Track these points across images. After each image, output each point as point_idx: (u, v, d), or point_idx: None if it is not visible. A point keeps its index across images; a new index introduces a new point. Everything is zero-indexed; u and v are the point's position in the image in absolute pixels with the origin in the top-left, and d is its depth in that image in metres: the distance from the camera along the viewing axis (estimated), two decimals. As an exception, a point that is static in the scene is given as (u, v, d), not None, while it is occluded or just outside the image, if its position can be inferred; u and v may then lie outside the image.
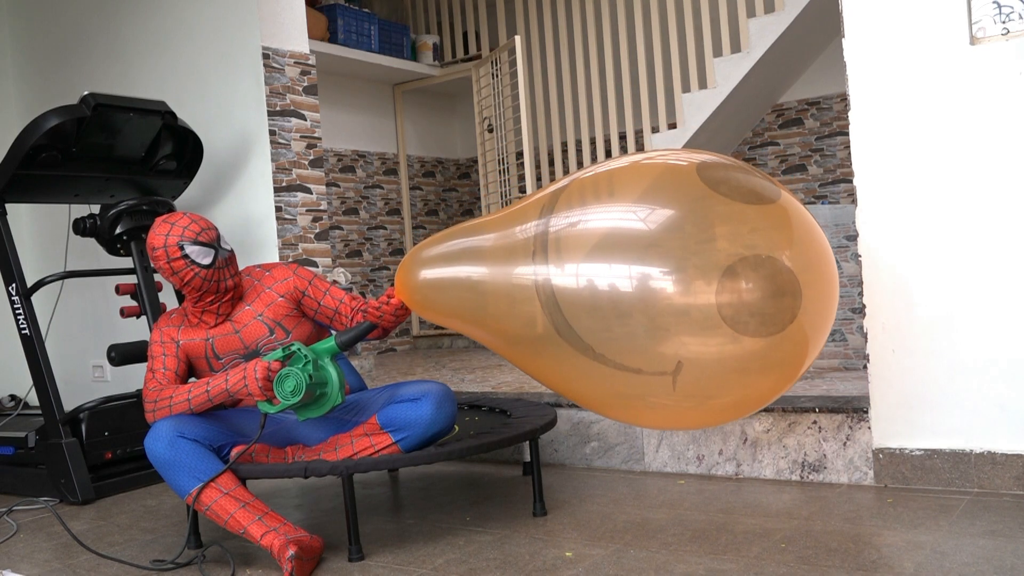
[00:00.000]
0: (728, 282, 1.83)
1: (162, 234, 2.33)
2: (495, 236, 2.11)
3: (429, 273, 2.19)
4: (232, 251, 2.41)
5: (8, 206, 3.27)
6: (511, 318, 2.06)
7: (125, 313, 3.34)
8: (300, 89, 3.85)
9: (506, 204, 5.33)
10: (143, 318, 3.56)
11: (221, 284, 2.37)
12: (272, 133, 3.73)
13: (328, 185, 5.62)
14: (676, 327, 1.86)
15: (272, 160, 3.72)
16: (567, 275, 1.96)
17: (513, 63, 5.33)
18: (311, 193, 3.86)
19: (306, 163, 3.85)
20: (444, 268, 2.17)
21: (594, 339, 1.94)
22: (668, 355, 1.88)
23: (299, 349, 2.24)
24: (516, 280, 2.04)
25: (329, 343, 2.28)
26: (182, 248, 2.32)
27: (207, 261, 2.33)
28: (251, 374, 2.23)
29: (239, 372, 2.26)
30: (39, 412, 3.57)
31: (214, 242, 2.35)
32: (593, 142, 5.80)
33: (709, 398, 1.94)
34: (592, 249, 1.94)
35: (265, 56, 3.71)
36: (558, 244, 1.99)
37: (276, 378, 2.21)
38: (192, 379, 2.50)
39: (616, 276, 1.91)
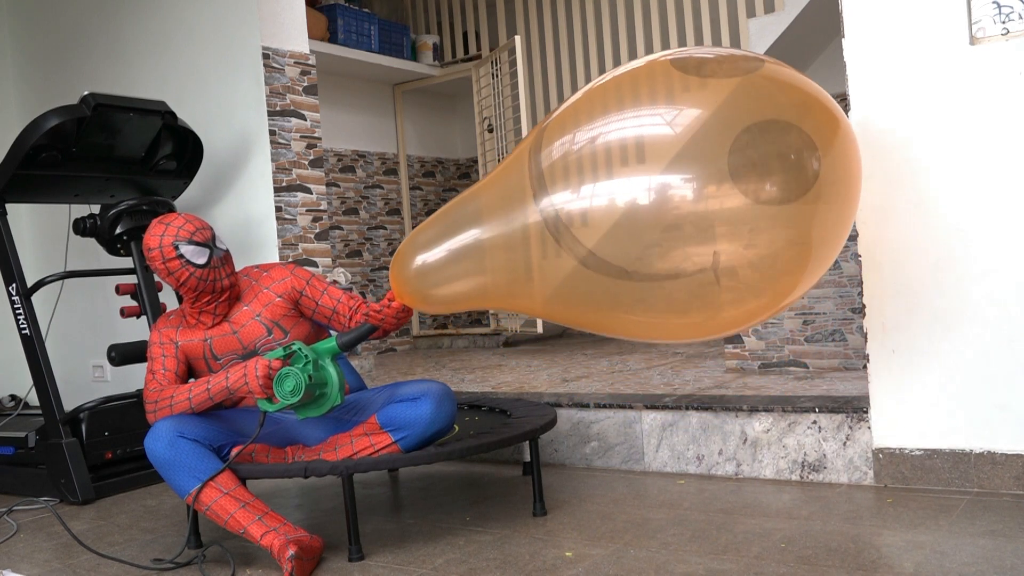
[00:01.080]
0: (742, 151, 1.79)
1: (157, 235, 2.34)
2: (486, 197, 2.05)
3: (425, 258, 2.12)
4: (227, 251, 2.42)
5: (8, 206, 3.27)
6: (527, 271, 1.99)
7: (125, 313, 3.34)
8: (300, 89, 3.85)
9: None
10: (143, 318, 3.56)
11: (217, 284, 2.37)
12: (272, 133, 3.73)
13: (328, 185, 5.62)
14: (703, 222, 1.83)
15: (272, 160, 3.72)
16: (579, 200, 1.91)
17: (513, 63, 5.33)
18: (311, 193, 3.86)
19: (306, 163, 3.85)
20: (440, 247, 2.10)
21: (623, 259, 1.88)
22: (702, 252, 1.84)
23: (300, 349, 2.24)
24: (522, 227, 1.96)
25: (330, 343, 2.28)
26: (177, 248, 2.32)
27: (202, 261, 2.33)
28: (251, 372, 2.23)
29: (239, 370, 2.26)
30: (39, 412, 3.57)
31: (209, 242, 2.36)
32: (593, 142, 5.79)
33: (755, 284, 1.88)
34: (595, 170, 1.90)
35: (265, 56, 3.71)
36: (555, 175, 1.92)
37: (276, 377, 2.21)
38: (192, 379, 2.50)
39: (633, 189, 1.86)
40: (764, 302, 1.93)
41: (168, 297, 3.78)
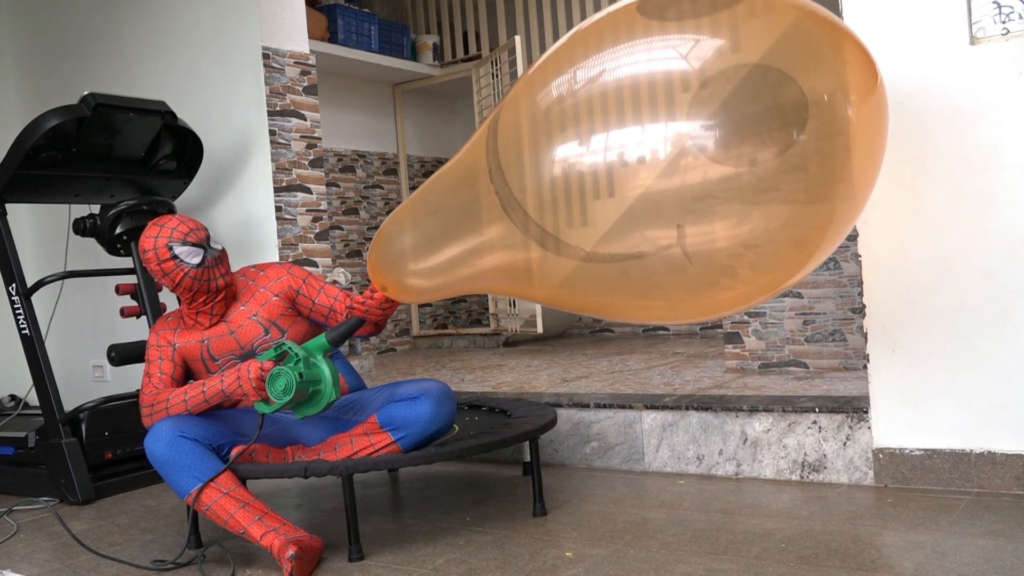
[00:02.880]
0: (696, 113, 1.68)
1: (151, 236, 2.34)
2: (450, 177, 2.03)
3: (398, 246, 2.10)
4: (223, 250, 2.42)
5: (8, 206, 3.27)
6: (494, 249, 1.96)
7: (125, 313, 3.34)
8: (300, 89, 3.85)
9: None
10: (143, 318, 3.56)
11: (211, 284, 2.38)
12: (272, 133, 3.73)
13: (328, 185, 5.62)
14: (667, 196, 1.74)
15: (272, 160, 3.72)
16: (529, 180, 1.85)
17: (513, 63, 5.33)
18: (311, 193, 3.86)
19: (306, 163, 3.85)
20: (410, 233, 2.08)
21: (578, 238, 1.82)
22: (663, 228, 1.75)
23: (290, 347, 2.24)
24: (477, 207, 1.94)
25: (320, 340, 2.28)
26: (171, 249, 2.32)
27: (196, 261, 2.34)
28: (244, 374, 2.23)
29: (233, 373, 2.26)
30: (39, 412, 3.57)
31: (203, 242, 2.36)
32: (593, 142, 5.79)
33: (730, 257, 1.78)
34: (550, 144, 1.83)
35: (265, 56, 3.71)
36: (508, 153, 1.89)
37: (268, 377, 2.21)
38: (190, 381, 2.50)
39: (584, 157, 1.79)
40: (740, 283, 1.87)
41: (168, 297, 3.78)
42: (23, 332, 3.19)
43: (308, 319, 2.51)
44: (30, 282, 3.45)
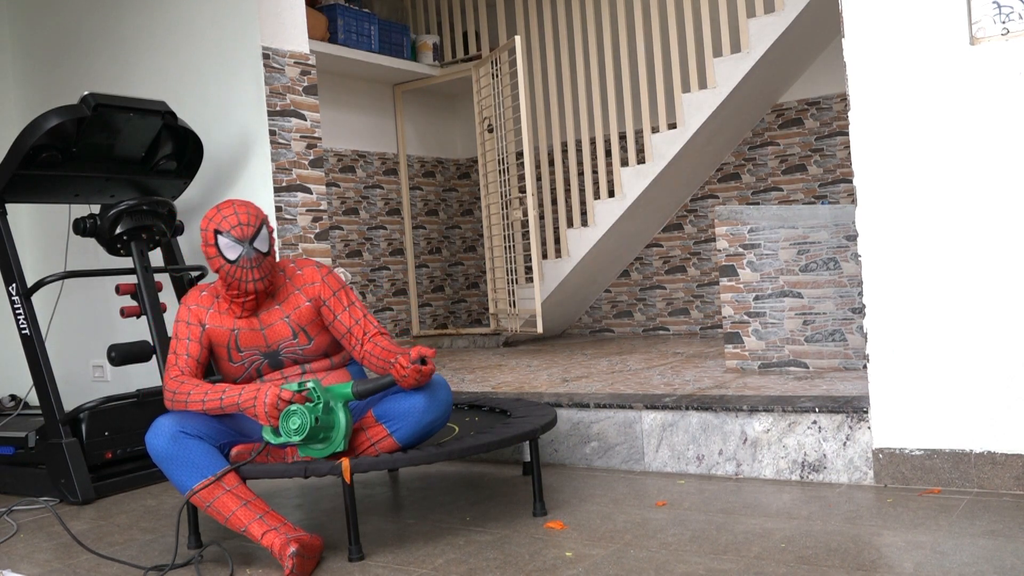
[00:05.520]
0: None
1: (208, 217, 2.36)
2: None
3: None
4: (266, 253, 2.36)
5: (8, 206, 3.27)
6: None
7: (125, 313, 3.34)
8: (300, 89, 3.85)
9: (507, 204, 5.34)
10: (143, 318, 3.56)
11: (244, 284, 2.35)
12: (272, 133, 3.73)
13: (328, 185, 5.62)
14: None
15: (272, 160, 3.72)
16: None
17: (513, 63, 5.33)
18: (311, 193, 3.86)
19: (306, 163, 3.85)
20: None
21: None
22: None
23: (314, 390, 2.23)
24: None
25: (345, 389, 2.27)
26: (216, 236, 2.32)
27: (232, 256, 2.32)
28: (262, 398, 2.22)
29: (252, 391, 2.25)
30: (39, 412, 3.58)
31: (246, 239, 2.33)
32: (593, 142, 5.80)
33: None
34: None
35: (265, 56, 3.71)
36: None
37: (284, 411, 2.20)
38: (211, 376, 2.48)
39: None
40: None
41: (168, 297, 3.78)
42: (23, 332, 3.19)
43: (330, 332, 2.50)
44: (30, 282, 3.46)
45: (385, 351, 2.38)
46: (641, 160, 5.67)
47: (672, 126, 5.27)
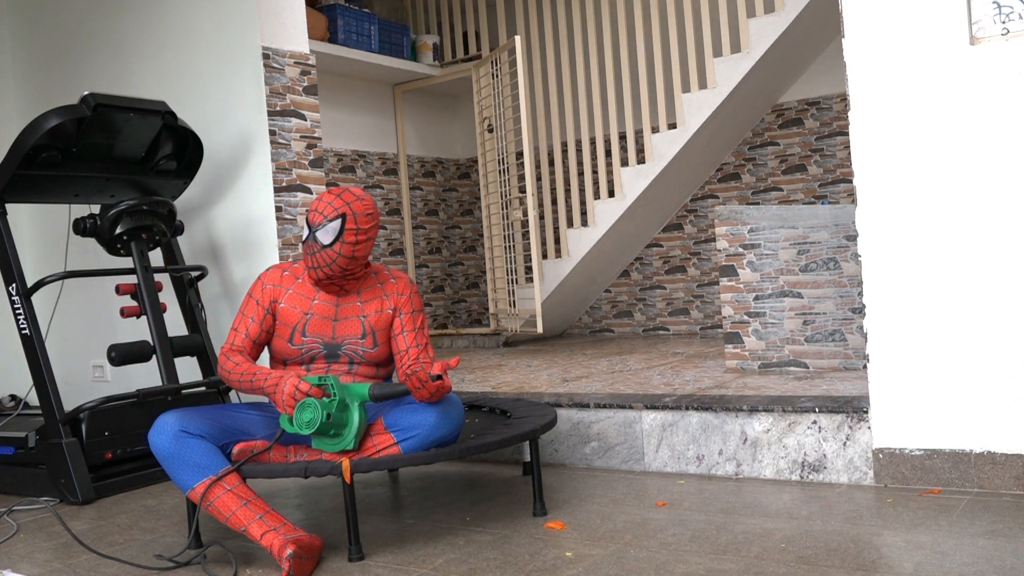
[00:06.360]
0: None
1: (320, 197, 2.43)
2: None
3: None
4: (330, 245, 2.37)
5: (8, 206, 3.27)
6: None
7: (125, 313, 3.34)
8: (300, 89, 3.85)
9: (507, 204, 5.34)
10: (143, 318, 3.56)
11: (312, 270, 2.41)
12: (272, 133, 3.73)
13: (328, 185, 5.62)
14: None
15: (272, 160, 3.72)
16: None
17: (513, 63, 5.33)
18: (311, 193, 3.86)
19: (306, 163, 3.85)
20: None
21: None
22: None
23: (332, 386, 2.25)
24: None
25: (363, 389, 2.29)
26: (308, 215, 2.42)
27: (303, 236, 2.42)
28: (282, 386, 2.26)
29: (276, 378, 2.30)
30: (39, 412, 3.58)
31: (315, 225, 2.38)
32: (593, 142, 5.80)
33: None
34: None
35: (265, 56, 3.71)
36: None
37: (299, 403, 2.23)
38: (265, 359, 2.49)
39: None
40: None
41: (168, 297, 3.78)
42: (23, 332, 3.19)
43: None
44: (30, 282, 3.45)
45: (415, 361, 2.44)
46: (641, 160, 5.67)
47: (672, 126, 5.27)
